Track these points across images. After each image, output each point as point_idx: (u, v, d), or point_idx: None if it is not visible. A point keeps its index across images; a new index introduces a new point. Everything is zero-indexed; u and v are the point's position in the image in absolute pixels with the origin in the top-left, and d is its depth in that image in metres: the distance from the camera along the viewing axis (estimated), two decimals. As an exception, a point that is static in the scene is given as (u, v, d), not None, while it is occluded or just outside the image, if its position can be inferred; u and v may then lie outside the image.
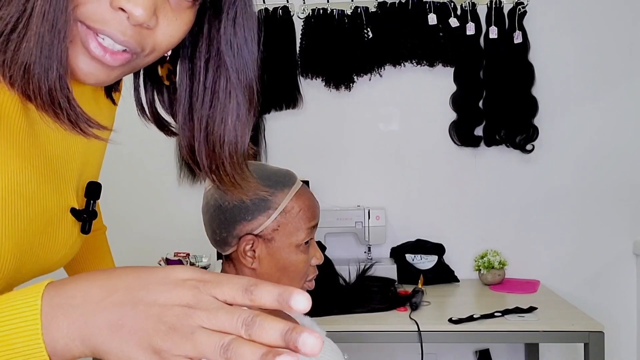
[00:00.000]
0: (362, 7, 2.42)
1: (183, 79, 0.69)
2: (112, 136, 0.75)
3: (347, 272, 2.17)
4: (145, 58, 0.61)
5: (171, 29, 0.60)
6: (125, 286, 0.45)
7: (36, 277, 0.69)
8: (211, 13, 0.66)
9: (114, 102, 0.77)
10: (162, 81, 0.72)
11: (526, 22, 2.38)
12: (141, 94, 0.73)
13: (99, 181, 0.75)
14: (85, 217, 0.71)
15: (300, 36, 2.46)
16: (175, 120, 0.71)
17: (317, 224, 1.08)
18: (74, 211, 0.69)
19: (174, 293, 0.44)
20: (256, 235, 1.02)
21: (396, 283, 2.23)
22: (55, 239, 0.67)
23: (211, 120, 0.68)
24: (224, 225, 1.03)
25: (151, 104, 0.74)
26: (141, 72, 0.73)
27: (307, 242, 1.06)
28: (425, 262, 2.35)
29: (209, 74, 0.68)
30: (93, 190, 0.73)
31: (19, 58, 0.52)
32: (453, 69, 2.46)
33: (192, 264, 2.29)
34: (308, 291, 1.10)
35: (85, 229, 0.72)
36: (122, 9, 0.54)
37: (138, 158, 2.51)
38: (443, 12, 2.40)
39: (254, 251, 1.03)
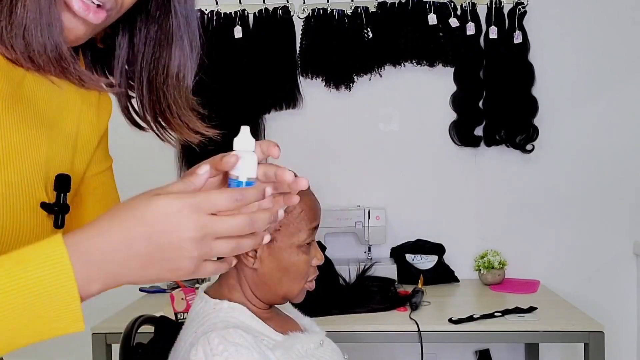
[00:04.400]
0: (362, 7, 2.42)
1: (123, 40, 0.74)
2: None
3: (347, 272, 2.17)
4: (113, 17, 0.65)
5: None
6: (141, 234, 0.55)
7: None
8: None
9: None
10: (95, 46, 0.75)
11: (526, 22, 2.38)
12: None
13: (67, 173, 0.75)
14: (57, 209, 0.71)
15: (300, 36, 2.46)
16: (113, 78, 0.75)
17: (318, 225, 1.08)
18: (44, 205, 0.69)
19: (183, 227, 0.55)
20: None
21: (396, 283, 2.23)
22: (21, 232, 0.66)
23: (153, 70, 0.72)
24: None
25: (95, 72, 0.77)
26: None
27: (308, 243, 1.06)
28: (425, 262, 2.35)
29: (151, 26, 0.72)
30: (62, 183, 0.73)
31: (16, 22, 0.56)
32: (453, 69, 2.46)
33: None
34: (308, 292, 1.10)
35: (58, 223, 0.72)
36: None
37: (137, 158, 2.50)
38: (443, 12, 2.40)
39: (256, 251, 1.03)
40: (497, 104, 2.41)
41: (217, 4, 2.44)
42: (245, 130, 0.64)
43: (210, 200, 0.56)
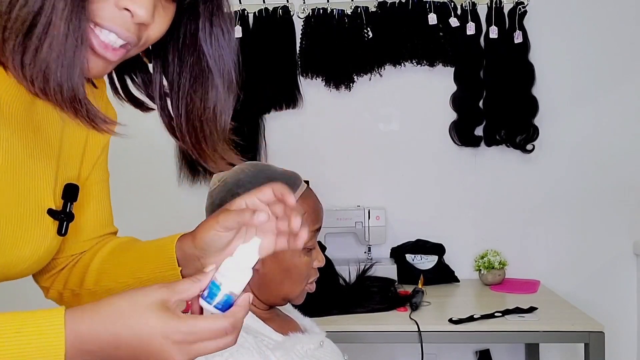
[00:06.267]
0: (362, 7, 2.42)
1: (156, 66, 0.78)
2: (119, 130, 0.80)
3: (347, 272, 2.17)
4: (135, 50, 0.68)
5: (160, 23, 0.67)
6: (128, 344, 0.58)
7: (1, 280, 0.71)
8: (188, 9, 0.72)
9: (94, 85, 0.81)
10: (135, 65, 0.78)
11: (526, 22, 2.38)
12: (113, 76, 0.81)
13: (76, 183, 0.77)
14: (63, 217, 0.73)
15: (300, 36, 2.46)
16: (152, 100, 0.79)
17: (320, 227, 1.08)
18: (51, 212, 0.71)
19: (165, 353, 0.58)
20: None
21: (396, 283, 2.23)
22: (28, 235, 0.68)
23: (190, 102, 0.75)
24: None
25: (123, 86, 0.81)
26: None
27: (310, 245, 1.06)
28: (425, 262, 2.35)
29: (184, 61, 0.75)
30: (70, 192, 0.75)
31: (40, 59, 0.58)
32: (453, 69, 2.46)
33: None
34: (308, 292, 1.10)
35: (62, 231, 0.74)
36: (127, 9, 0.61)
37: (138, 158, 2.50)
38: (443, 12, 2.40)
39: None
40: (497, 104, 2.41)
41: (217, 4, 2.43)
42: (255, 242, 0.65)
43: (198, 334, 0.59)
